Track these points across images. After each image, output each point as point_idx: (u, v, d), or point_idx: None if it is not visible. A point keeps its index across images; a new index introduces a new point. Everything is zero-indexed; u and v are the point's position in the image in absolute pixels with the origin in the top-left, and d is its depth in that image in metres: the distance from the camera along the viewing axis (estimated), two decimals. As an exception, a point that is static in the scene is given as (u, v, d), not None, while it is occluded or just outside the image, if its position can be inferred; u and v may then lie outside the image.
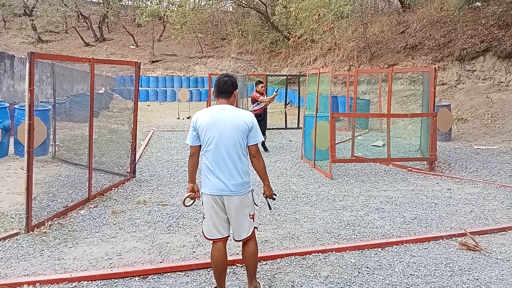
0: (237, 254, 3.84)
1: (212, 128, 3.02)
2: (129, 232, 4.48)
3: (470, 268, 3.75)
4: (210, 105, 14.02)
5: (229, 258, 3.78)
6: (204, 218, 3.14)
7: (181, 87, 22.56)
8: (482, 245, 4.23)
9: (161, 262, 3.80)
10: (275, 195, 3.34)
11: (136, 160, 7.30)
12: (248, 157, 3.13)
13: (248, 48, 26.04)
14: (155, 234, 4.45)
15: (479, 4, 14.97)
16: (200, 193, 3.17)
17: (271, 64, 24.61)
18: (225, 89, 3.11)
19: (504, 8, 13.63)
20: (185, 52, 28.09)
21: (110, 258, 3.84)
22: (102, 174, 6.72)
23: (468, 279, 3.56)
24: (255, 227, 3.21)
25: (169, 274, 3.58)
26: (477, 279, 3.55)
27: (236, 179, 3.01)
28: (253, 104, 9.34)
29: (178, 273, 3.60)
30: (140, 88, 22.51)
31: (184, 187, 6.30)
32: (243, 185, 3.05)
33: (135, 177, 6.74)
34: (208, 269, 3.64)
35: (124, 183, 6.42)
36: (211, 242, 3.16)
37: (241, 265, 3.66)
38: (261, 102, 9.23)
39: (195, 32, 27.15)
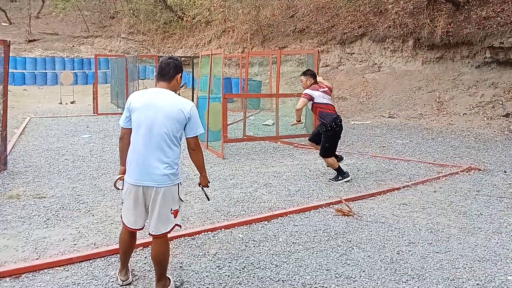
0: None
1: (144, 112, 2.78)
2: (-2, 230, 4.02)
3: (344, 232, 4.15)
4: (96, 89, 13.29)
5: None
6: (122, 204, 2.96)
7: (64, 69, 20.65)
8: (355, 210, 4.69)
9: (36, 259, 3.50)
10: (209, 182, 3.30)
11: (8, 150, 6.54)
12: (179, 147, 2.94)
13: (140, 28, 24.79)
14: (30, 230, 4.06)
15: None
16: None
17: (165, 45, 23.81)
18: (166, 71, 2.88)
19: (378, -4, 15.02)
20: (68, 31, 25.67)
21: (-25, 261, 3.42)
22: (-36, 169, 5.90)
23: (342, 241, 3.93)
24: (176, 224, 2.93)
25: (46, 270, 3.30)
26: (349, 241, 3.94)
27: (161, 170, 2.79)
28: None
29: (56, 268, 3.34)
30: (14, 71, 20.16)
31: (66, 177, 5.87)
32: (169, 176, 2.82)
33: (6, 169, 6.04)
34: (91, 261, 3.46)
35: (-7, 176, 5.72)
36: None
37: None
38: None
39: (80, 10, 24.93)
